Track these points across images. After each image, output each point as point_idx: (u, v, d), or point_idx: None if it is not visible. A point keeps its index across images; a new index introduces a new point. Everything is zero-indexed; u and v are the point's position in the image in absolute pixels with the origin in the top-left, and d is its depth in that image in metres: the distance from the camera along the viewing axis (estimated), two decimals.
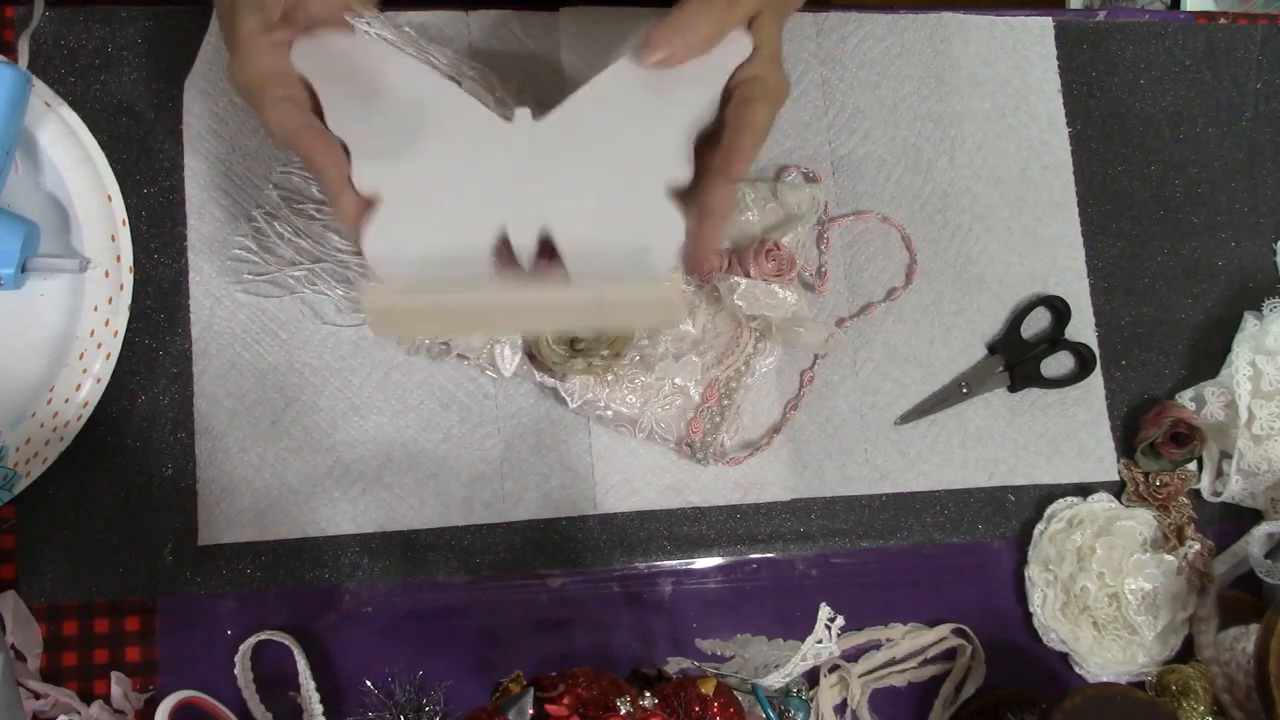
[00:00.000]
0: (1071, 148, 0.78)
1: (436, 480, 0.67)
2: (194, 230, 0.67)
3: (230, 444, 0.65)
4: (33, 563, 0.63)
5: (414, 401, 0.67)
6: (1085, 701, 0.61)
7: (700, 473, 0.69)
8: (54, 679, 0.63)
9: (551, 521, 0.68)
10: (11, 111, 0.60)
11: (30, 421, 0.62)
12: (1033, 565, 0.72)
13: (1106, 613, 0.70)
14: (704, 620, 0.69)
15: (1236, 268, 0.79)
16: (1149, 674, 0.71)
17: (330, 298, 0.67)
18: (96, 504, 0.64)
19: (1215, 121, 0.80)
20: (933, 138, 0.76)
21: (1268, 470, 0.72)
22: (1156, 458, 0.73)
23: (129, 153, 0.67)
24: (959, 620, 0.71)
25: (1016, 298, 0.75)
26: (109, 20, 0.68)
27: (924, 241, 0.74)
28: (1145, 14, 0.82)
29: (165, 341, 0.66)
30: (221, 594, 0.65)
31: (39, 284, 0.64)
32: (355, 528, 0.66)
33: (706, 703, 0.55)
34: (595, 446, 0.69)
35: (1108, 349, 0.76)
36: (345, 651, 0.65)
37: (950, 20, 0.77)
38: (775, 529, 0.70)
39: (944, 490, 0.72)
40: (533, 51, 0.72)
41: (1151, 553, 0.71)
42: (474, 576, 0.67)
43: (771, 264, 0.67)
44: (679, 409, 0.68)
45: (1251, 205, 0.79)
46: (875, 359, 0.73)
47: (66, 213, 0.65)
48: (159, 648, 0.64)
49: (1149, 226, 0.78)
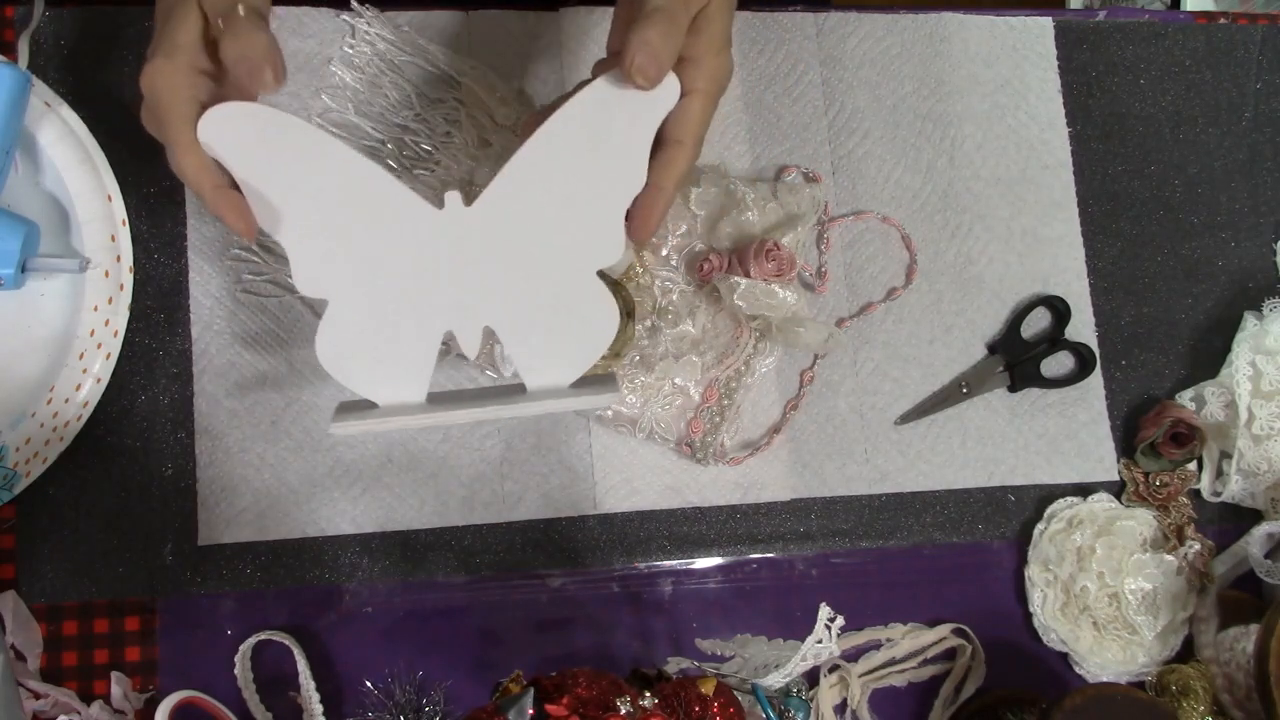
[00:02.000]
0: (1071, 148, 0.78)
1: (436, 480, 0.67)
2: (194, 230, 0.67)
3: (230, 444, 0.65)
4: (33, 563, 0.63)
5: None
6: (1085, 701, 0.61)
7: (700, 473, 0.69)
8: (54, 679, 0.63)
9: (551, 521, 0.68)
10: (11, 111, 0.60)
11: (30, 421, 0.62)
12: (1033, 565, 0.72)
13: (1106, 613, 0.70)
14: (704, 620, 0.69)
15: (1236, 268, 0.79)
16: (1149, 674, 0.71)
17: None
18: (96, 504, 0.64)
19: (1215, 121, 0.80)
20: (933, 138, 0.76)
21: (1268, 470, 0.72)
22: (1156, 458, 0.73)
23: (129, 153, 0.67)
24: (959, 620, 0.71)
25: (1016, 298, 0.75)
26: (109, 20, 0.68)
27: (924, 241, 0.74)
28: (1145, 14, 0.82)
29: (165, 341, 0.66)
30: (221, 594, 0.65)
31: (39, 284, 0.64)
32: (355, 528, 0.66)
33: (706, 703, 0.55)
34: (595, 446, 0.69)
35: (1108, 349, 0.76)
36: (345, 651, 0.65)
37: (950, 20, 0.77)
38: (775, 529, 0.70)
39: (944, 490, 0.72)
40: (533, 51, 0.72)
41: (1151, 553, 0.71)
42: (474, 576, 0.67)
43: (771, 264, 0.67)
44: (679, 409, 0.68)
45: (1251, 205, 0.79)
46: (875, 359, 0.73)
47: (66, 213, 0.65)
48: (159, 648, 0.64)
49: (1149, 226, 0.78)
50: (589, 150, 0.51)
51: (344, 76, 0.69)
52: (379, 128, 0.68)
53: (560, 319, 0.54)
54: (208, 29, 0.49)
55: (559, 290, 0.53)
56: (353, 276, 0.52)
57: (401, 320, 0.53)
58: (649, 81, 0.49)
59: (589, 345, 0.54)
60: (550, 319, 0.54)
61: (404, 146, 0.68)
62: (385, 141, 0.68)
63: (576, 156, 0.51)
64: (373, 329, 0.53)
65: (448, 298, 0.53)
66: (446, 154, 0.68)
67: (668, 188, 0.52)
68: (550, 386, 0.55)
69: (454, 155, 0.68)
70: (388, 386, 0.54)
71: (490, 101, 0.69)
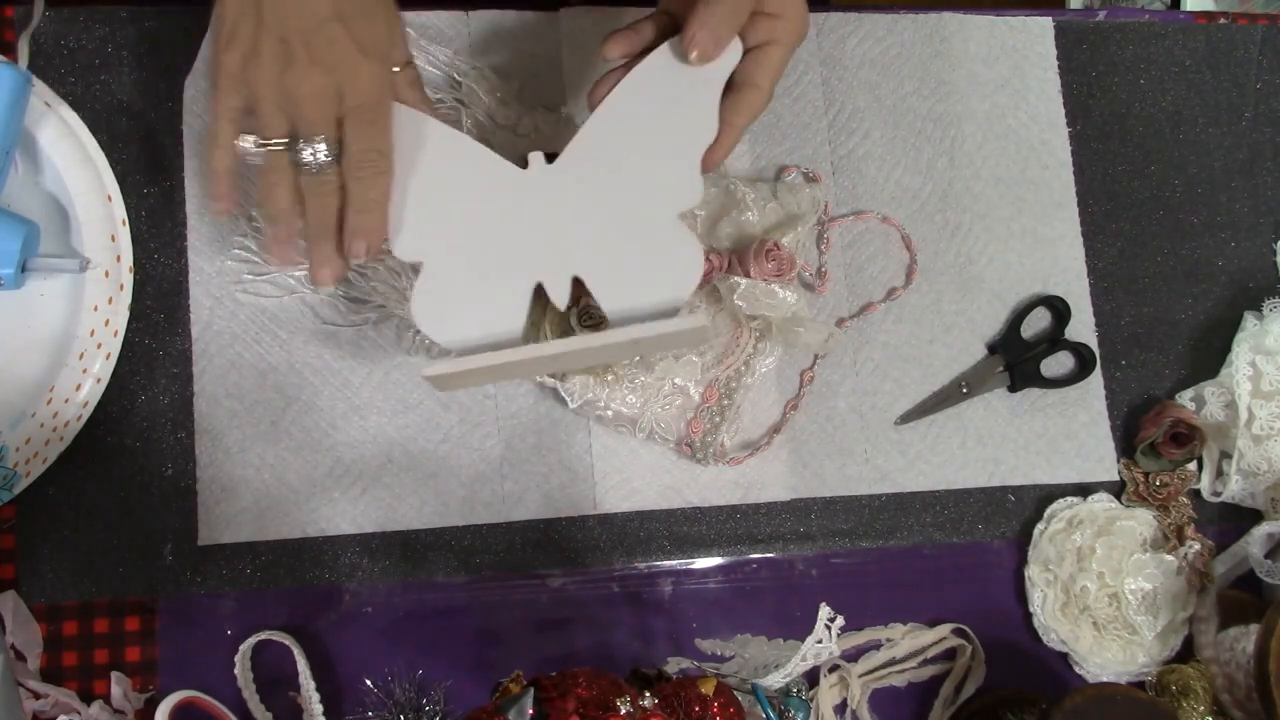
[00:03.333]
0: (1071, 148, 0.78)
1: (436, 480, 0.67)
2: (194, 230, 0.67)
3: (230, 444, 0.65)
4: (33, 563, 0.63)
5: (414, 401, 0.67)
6: (1085, 701, 0.61)
7: (700, 473, 0.69)
8: (54, 679, 0.63)
9: (551, 521, 0.68)
10: (11, 111, 0.60)
11: (30, 421, 0.62)
12: (1033, 565, 0.72)
13: (1106, 613, 0.70)
14: (704, 620, 0.69)
15: (1236, 268, 0.79)
16: (1149, 674, 0.71)
17: (330, 298, 0.67)
18: (96, 504, 0.64)
19: (1215, 121, 0.80)
20: (933, 138, 0.76)
21: (1268, 470, 0.72)
22: (1156, 458, 0.73)
23: (129, 153, 0.67)
24: (959, 620, 0.71)
25: (1016, 298, 0.75)
26: (109, 20, 0.68)
27: (924, 241, 0.74)
28: (1145, 14, 0.82)
29: (165, 341, 0.66)
30: (221, 594, 0.65)
31: (39, 284, 0.64)
32: (355, 528, 0.66)
33: (706, 703, 0.55)
34: (595, 446, 0.69)
35: (1108, 349, 0.76)
36: (345, 651, 0.65)
37: (950, 20, 0.77)
38: (775, 529, 0.70)
39: (944, 490, 0.72)
40: (533, 51, 0.72)
41: (1151, 553, 0.71)
42: (474, 576, 0.67)
43: (771, 264, 0.66)
44: (679, 409, 0.68)
45: (1251, 205, 0.79)
46: (875, 359, 0.73)
47: (66, 213, 0.65)
48: (159, 648, 0.64)
49: (1149, 226, 0.78)
50: (661, 106, 0.56)
51: None
52: None
53: (646, 263, 0.56)
54: None
55: (643, 236, 0.56)
56: (446, 238, 0.56)
57: (493, 276, 0.56)
58: (705, 59, 0.54)
59: (677, 285, 0.56)
60: (637, 264, 0.56)
61: None
62: None
63: (650, 112, 0.56)
64: (466, 287, 0.56)
65: (537, 252, 0.56)
66: None
67: (740, 125, 0.57)
68: (640, 326, 0.56)
69: None
70: (479, 336, 0.56)
71: (490, 101, 0.69)
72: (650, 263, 0.56)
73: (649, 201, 0.56)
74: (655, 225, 0.56)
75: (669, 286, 0.56)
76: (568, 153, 0.56)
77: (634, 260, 0.56)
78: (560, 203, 0.56)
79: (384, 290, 0.65)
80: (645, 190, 0.56)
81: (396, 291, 0.65)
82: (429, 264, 0.56)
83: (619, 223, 0.56)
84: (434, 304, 0.56)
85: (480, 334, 0.56)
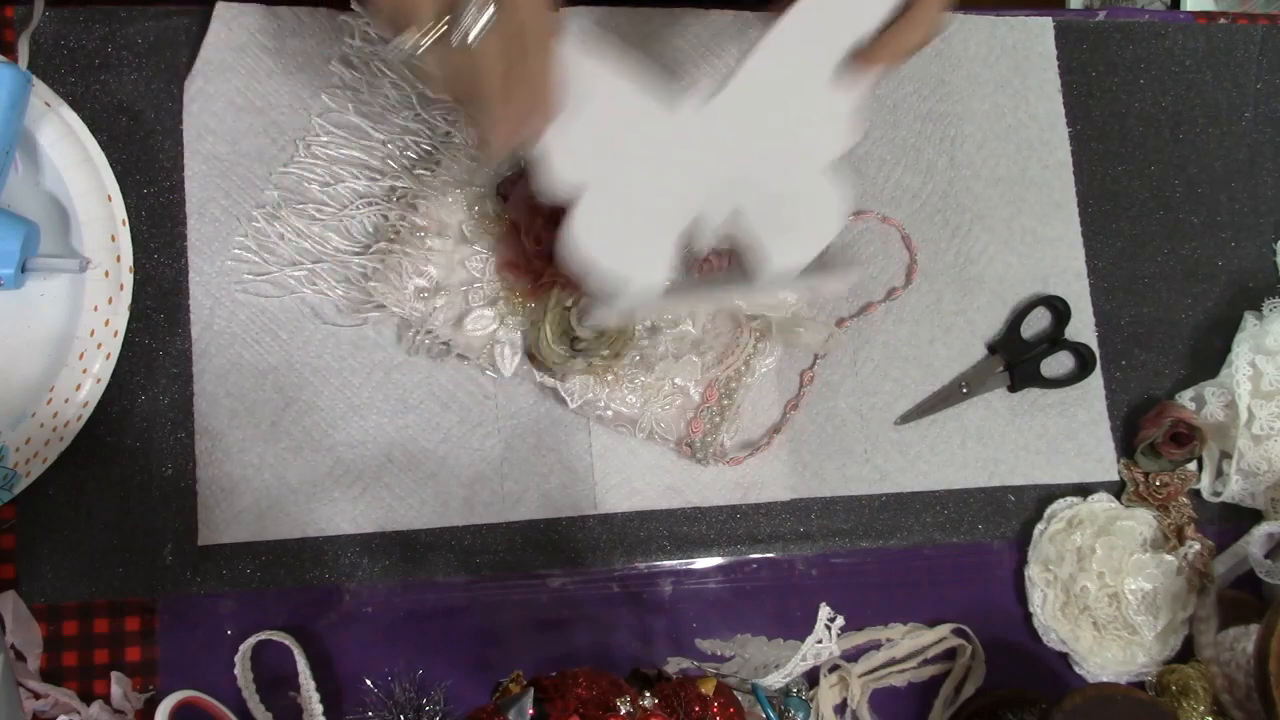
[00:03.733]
0: (1071, 148, 0.78)
1: (436, 480, 0.67)
2: (194, 230, 0.67)
3: (230, 444, 0.65)
4: (33, 563, 0.63)
5: (414, 401, 0.67)
6: (1085, 701, 0.61)
7: (700, 473, 0.69)
8: (54, 679, 0.63)
9: (551, 521, 0.68)
10: (11, 111, 0.60)
11: (30, 421, 0.62)
12: (1033, 565, 0.72)
13: (1106, 613, 0.70)
14: (704, 620, 0.69)
15: (1236, 268, 0.79)
16: (1149, 674, 0.71)
17: (330, 298, 0.67)
18: (96, 504, 0.64)
19: (1215, 121, 0.80)
20: (933, 138, 0.76)
21: (1268, 470, 0.72)
22: (1156, 458, 0.73)
23: (129, 153, 0.67)
24: (959, 620, 0.71)
25: (1016, 298, 0.75)
26: (109, 20, 0.68)
27: (924, 241, 0.74)
28: (1145, 14, 0.82)
29: (165, 341, 0.66)
30: (221, 594, 0.65)
31: (39, 284, 0.64)
32: (355, 528, 0.66)
33: (706, 703, 0.55)
34: (595, 446, 0.69)
35: (1108, 349, 0.76)
36: (345, 651, 0.65)
37: (950, 20, 0.77)
38: (775, 529, 0.70)
39: (944, 490, 0.72)
40: None
41: (1151, 553, 0.71)
42: (474, 576, 0.67)
43: None
44: (679, 409, 0.68)
45: (1251, 205, 0.79)
46: (875, 359, 0.73)
47: (66, 213, 0.65)
48: (159, 648, 0.64)
49: (1149, 226, 0.78)
50: (812, 53, 0.56)
51: (344, 76, 0.69)
52: (379, 128, 0.68)
53: (793, 207, 0.58)
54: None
55: (791, 181, 0.58)
56: (606, 170, 0.57)
57: (648, 207, 0.58)
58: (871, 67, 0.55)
59: (820, 230, 0.58)
60: (785, 207, 0.58)
61: (404, 146, 0.68)
62: (385, 141, 0.68)
63: (802, 60, 0.56)
64: (622, 216, 0.57)
65: (693, 187, 0.58)
66: (446, 154, 0.68)
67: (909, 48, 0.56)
68: (781, 272, 0.58)
69: (454, 155, 0.68)
70: (633, 269, 0.58)
71: None
72: (796, 208, 0.58)
73: (798, 147, 0.58)
74: (803, 172, 0.58)
75: (813, 231, 0.58)
76: (723, 94, 0.57)
77: (783, 205, 0.58)
78: (715, 142, 0.57)
79: (384, 290, 0.66)
80: (795, 136, 0.57)
81: (396, 291, 0.65)
82: (590, 191, 0.56)
83: (769, 165, 0.57)
84: (591, 231, 0.57)
85: (632, 260, 0.58)
